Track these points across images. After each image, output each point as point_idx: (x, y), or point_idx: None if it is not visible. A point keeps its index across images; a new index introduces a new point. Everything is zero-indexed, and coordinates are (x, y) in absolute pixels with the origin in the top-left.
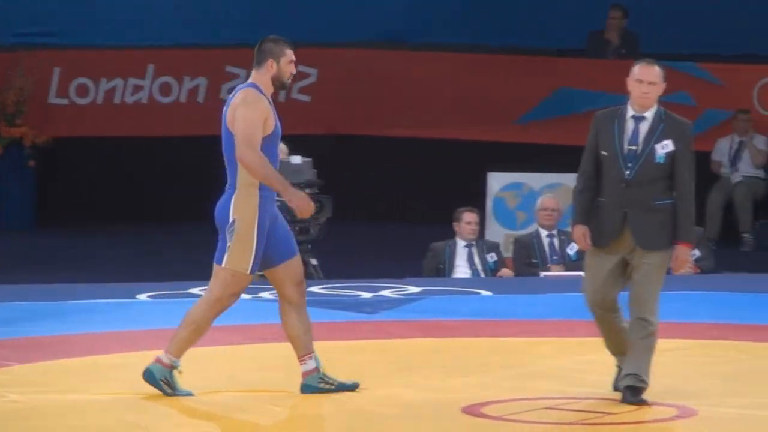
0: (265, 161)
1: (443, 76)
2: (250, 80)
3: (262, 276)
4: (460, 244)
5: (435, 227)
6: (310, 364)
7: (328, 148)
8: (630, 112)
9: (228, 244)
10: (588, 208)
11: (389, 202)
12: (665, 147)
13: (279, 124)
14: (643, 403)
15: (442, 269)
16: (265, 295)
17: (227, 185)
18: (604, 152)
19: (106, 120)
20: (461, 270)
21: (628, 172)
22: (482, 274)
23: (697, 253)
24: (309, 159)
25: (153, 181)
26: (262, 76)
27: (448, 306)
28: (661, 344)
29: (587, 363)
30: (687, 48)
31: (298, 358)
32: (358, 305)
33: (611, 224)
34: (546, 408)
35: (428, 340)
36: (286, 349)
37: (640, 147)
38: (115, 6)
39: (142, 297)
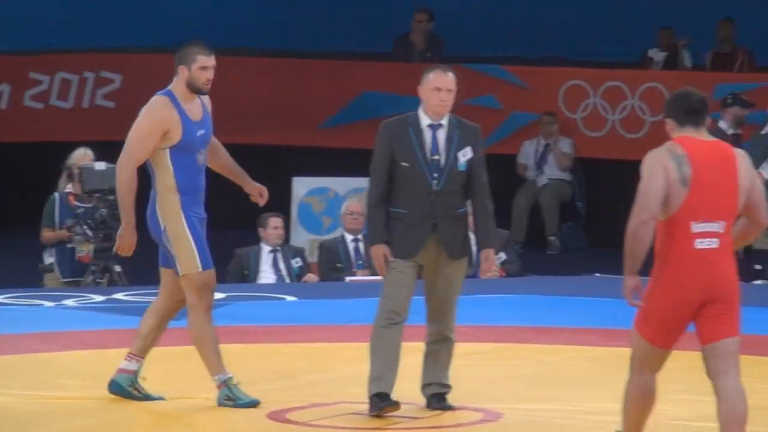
0: (131, 185)
1: (248, 80)
2: (168, 86)
3: (68, 283)
4: (265, 249)
5: (239, 233)
6: (132, 365)
7: None
8: (425, 120)
9: (172, 252)
10: (385, 222)
11: None
12: (465, 154)
13: (196, 133)
14: (448, 408)
15: (247, 275)
16: (69, 302)
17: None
18: (404, 163)
19: None
20: (266, 275)
21: (435, 182)
22: (287, 280)
23: (503, 256)
24: (113, 165)
25: None
26: (177, 82)
27: (253, 312)
28: (467, 348)
29: None
30: (492, 51)
31: (128, 353)
32: None
33: (419, 237)
34: (352, 413)
35: (233, 345)
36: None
37: (442, 156)
38: None
39: None
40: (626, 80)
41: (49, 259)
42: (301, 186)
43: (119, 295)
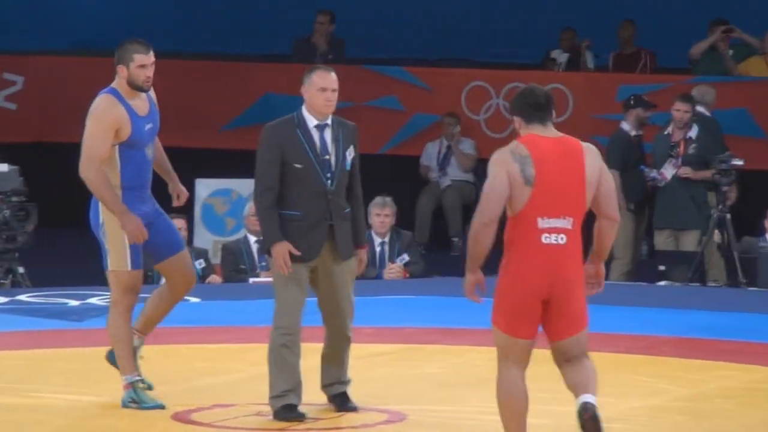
0: (102, 180)
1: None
2: (111, 84)
3: None
4: None
5: None
6: (134, 342)
7: (34, 156)
8: (312, 121)
9: (105, 246)
10: (279, 224)
11: None
12: (350, 153)
13: (144, 127)
14: (353, 409)
15: (151, 276)
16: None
17: None
18: (297, 164)
19: None
20: None
21: (329, 182)
22: None
23: (406, 257)
24: (16, 167)
25: None
26: (119, 80)
27: None
28: (371, 349)
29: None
30: (394, 53)
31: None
32: (66, 313)
33: (318, 238)
34: (255, 414)
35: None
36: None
37: (332, 156)
38: None
39: None
40: (529, 81)
41: None
42: (204, 187)
43: (23, 297)
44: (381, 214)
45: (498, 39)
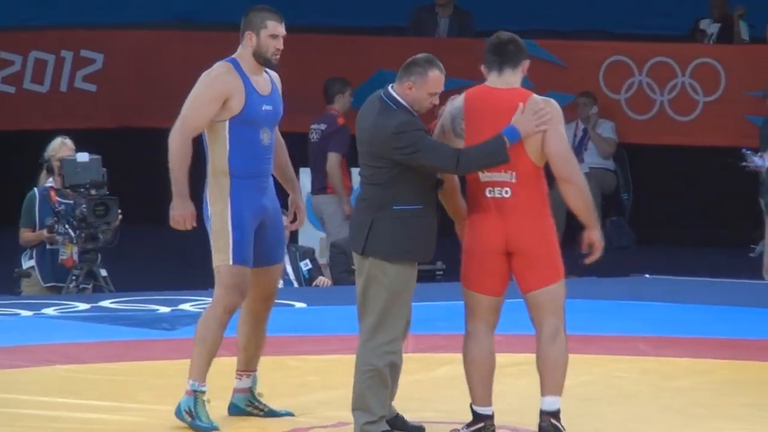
0: (182, 153)
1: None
2: (233, 54)
3: (49, 289)
4: None
5: None
6: (244, 383)
7: (116, 144)
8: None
9: (211, 241)
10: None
11: None
12: None
13: (261, 106)
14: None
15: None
16: (49, 311)
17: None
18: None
19: None
20: None
21: (438, 174)
22: (296, 284)
23: None
24: (98, 156)
25: None
26: (243, 49)
27: None
28: (500, 359)
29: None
30: (525, 24)
31: (236, 371)
32: (155, 321)
33: (434, 234)
34: None
35: (235, 359)
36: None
37: None
38: None
39: None
40: (675, 56)
41: (28, 262)
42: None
43: (106, 303)
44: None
45: (640, 8)
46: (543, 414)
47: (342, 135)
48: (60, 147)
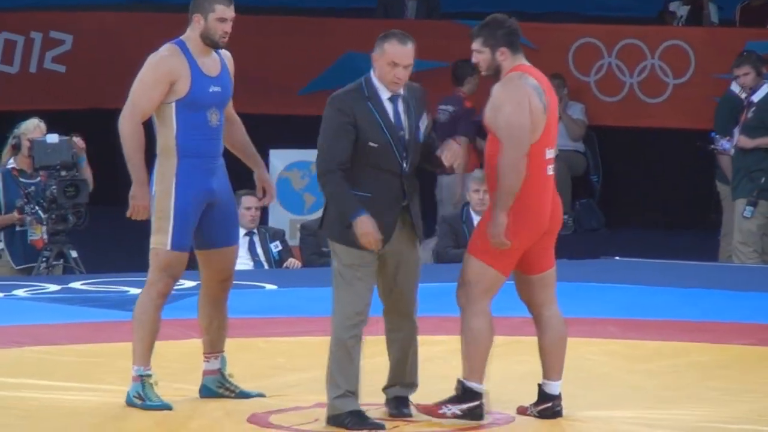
0: (135, 138)
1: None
2: (180, 36)
3: (20, 271)
4: (240, 232)
5: None
6: (213, 365)
7: (86, 125)
8: (385, 93)
9: (152, 220)
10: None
11: None
12: (423, 122)
13: (208, 88)
14: (408, 415)
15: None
16: (20, 292)
17: None
18: (372, 144)
19: None
20: (242, 261)
21: (404, 163)
22: (266, 266)
23: None
24: (67, 137)
25: None
26: (191, 31)
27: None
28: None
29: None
30: (494, 5)
31: (203, 353)
32: (125, 302)
33: (390, 223)
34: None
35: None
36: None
37: (406, 131)
38: None
39: None
40: (645, 38)
41: None
42: (279, 159)
43: (76, 284)
44: (480, 189)
45: None
46: (556, 398)
47: (470, 117)
48: (34, 128)
